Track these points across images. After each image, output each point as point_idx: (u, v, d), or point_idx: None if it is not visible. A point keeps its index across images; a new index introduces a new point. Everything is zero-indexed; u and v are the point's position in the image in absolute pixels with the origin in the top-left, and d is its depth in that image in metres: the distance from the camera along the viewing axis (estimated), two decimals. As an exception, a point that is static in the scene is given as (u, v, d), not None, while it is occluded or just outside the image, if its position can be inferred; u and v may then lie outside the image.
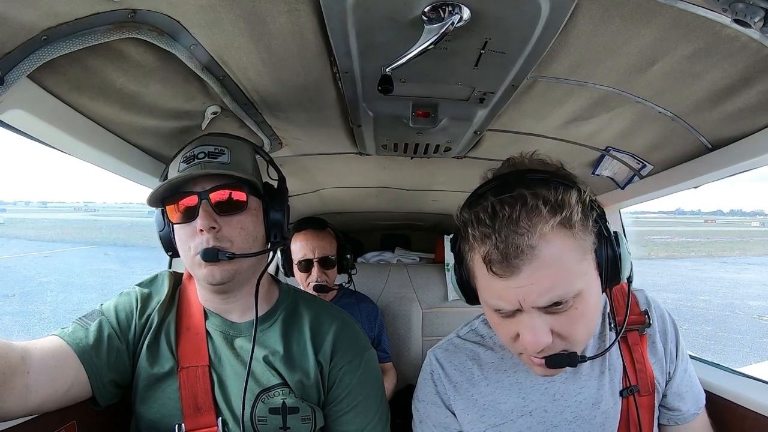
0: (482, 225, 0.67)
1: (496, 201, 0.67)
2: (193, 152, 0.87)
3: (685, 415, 0.91)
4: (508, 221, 0.65)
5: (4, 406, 0.72)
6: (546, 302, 0.67)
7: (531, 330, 0.68)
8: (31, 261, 18.11)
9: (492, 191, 0.70)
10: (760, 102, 0.84)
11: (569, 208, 0.66)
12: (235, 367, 0.90)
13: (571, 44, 0.77)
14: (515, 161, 0.79)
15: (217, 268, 0.84)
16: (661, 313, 0.92)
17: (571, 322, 0.69)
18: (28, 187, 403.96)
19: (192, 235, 0.85)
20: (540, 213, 0.65)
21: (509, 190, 0.68)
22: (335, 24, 0.70)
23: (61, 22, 0.65)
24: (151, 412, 0.87)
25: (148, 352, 0.89)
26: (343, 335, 0.96)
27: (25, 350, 0.76)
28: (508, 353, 0.88)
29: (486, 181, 0.76)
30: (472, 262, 0.74)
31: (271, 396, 0.89)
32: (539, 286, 0.66)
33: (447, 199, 2.24)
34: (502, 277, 0.67)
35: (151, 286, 0.98)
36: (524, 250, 0.64)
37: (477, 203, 0.71)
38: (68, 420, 0.91)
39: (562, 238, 0.66)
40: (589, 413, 0.83)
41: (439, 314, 2.28)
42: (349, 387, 0.94)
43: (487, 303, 0.74)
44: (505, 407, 0.84)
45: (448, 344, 0.93)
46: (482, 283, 0.73)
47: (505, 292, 0.68)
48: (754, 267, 21.15)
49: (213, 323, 0.94)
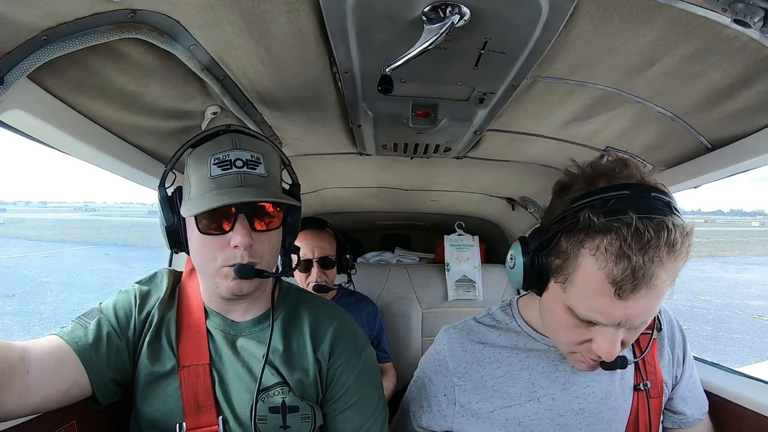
0: (622, 241, 0.64)
1: (639, 221, 0.64)
2: (228, 156, 0.82)
3: (689, 420, 0.92)
4: (650, 248, 0.63)
5: (4, 406, 0.72)
6: (639, 324, 0.70)
7: (611, 342, 0.70)
8: (31, 261, 18.11)
9: (630, 205, 0.66)
10: (760, 102, 0.84)
11: (691, 243, 0.67)
12: (235, 366, 0.90)
13: (571, 44, 0.77)
14: (627, 162, 0.74)
15: (246, 282, 0.84)
16: (669, 319, 0.94)
17: (636, 333, 0.74)
18: (28, 187, 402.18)
19: (222, 247, 0.82)
20: (676, 247, 0.65)
21: (648, 209, 0.65)
22: (335, 24, 0.70)
23: (61, 22, 0.65)
24: (151, 410, 0.87)
25: (149, 349, 0.89)
26: (342, 334, 0.96)
27: (24, 350, 0.76)
28: (522, 339, 0.89)
29: (614, 185, 0.70)
30: (575, 264, 0.70)
31: (271, 395, 0.88)
32: (645, 310, 0.68)
33: (447, 199, 2.24)
34: (621, 298, 0.66)
35: (150, 284, 0.98)
36: (652, 279, 0.64)
37: (610, 210, 0.66)
38: (68, 420, 0.91)
39: (676, 269, 0.67)
40: (597, 407, 0.84)
41: (439, 314, 2.28)
42: (347, 385, 0.93)
43: (579, 312, 0.72)
44: (513, 390, 0.85)
45: (464, 325, 0.94)
46: (585, 293, 0.70)
47: (613, 311, 0.68)
48: (754, 267, 21.14)
49: (214, 322, 0.94)
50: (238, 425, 0.87)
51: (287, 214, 0.93)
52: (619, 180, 0.70)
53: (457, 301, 2.25)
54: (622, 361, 0.75)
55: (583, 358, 0.77)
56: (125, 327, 0.90)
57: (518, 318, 0.91)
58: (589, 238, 0.67)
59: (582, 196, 0.71)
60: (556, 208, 0.76)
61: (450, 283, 2.26)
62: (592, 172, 0.74)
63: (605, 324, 0.70)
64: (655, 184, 0.71)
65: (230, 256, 0.82)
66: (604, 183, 0.70)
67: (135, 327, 0.90)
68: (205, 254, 0.85)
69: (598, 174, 0.72)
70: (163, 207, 0.89)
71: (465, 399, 0.86)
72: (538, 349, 0.87)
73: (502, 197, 2.17)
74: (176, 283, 1.00)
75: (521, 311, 0.92)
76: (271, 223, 0.86)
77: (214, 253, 0.83)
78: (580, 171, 0.75)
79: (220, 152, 0.83)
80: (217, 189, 0.81)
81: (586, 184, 0.72)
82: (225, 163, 0.82)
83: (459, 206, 2.39)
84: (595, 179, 0.72)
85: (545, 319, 0.83)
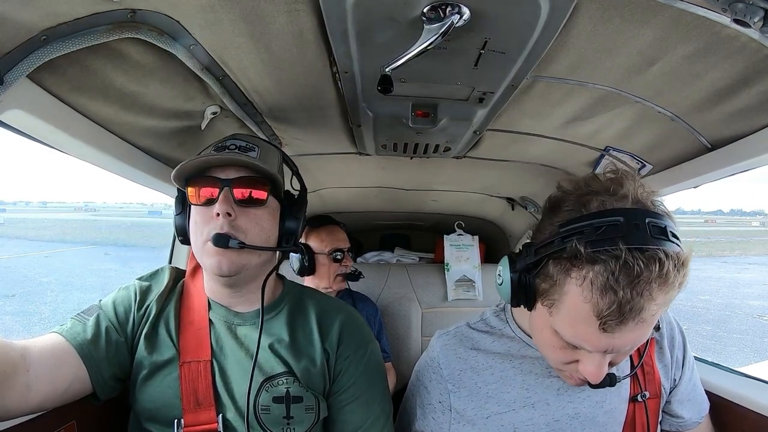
0: (609, 275, 0.61)
1: (629, 253, 0.60)
2: (225, 143, 0.89)
3: (687, 423, 0.92)
4: (640, 283, 0.61)
5: (6, 405, 0.72)
6: (629, 350, 0.69)
7: (597, 367, 0.69)
8: (32, 261, 18.11)
9: (621, 235, 0.62)
10: (760, 102, 0.84)
11: (686, 274, 0.64)
12: (238, 356, 0.90)
13: (571, 44, 0.77)
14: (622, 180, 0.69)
15: (225, 258, 0.84)
16: (669, 320, 0.93)
17: (626, 356, 0.73)
18: (28, 187, 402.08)
19: (208, 220, 0.85)
20: (668, 279, 0.61)
21: (639, 240, 0.62)
22: (335, 24, 0.70)
23: (61, 22, 0.65)
24: (150, 401, 0.87)
25: (146, 341, 0.89)
26: (350, 325, 0.97)
27: (24, 348, 0.76)
28: (515, 345, 0.88)
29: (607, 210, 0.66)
30: (562, 292, 0.67)
31: (275, 384, 0.88)
32: (632, 340, 0.66)
33: (446, 199, 2.24)
34: (606, 332, 0.64)
35: (151, 280, 0.99)
36: (640, 313, 0.62)
37: (599, 240, 0.63)
38: (68, 420, 0.91)
39: (668, 300, 0.65)
40: (592, 411, 0.84)
41: (439, 314, 2.28)
42: (355, 376, 0.94)
43: (565, 337, 0.70)
44: (508, 397, 0.85)
45: (456, 331, 0.94)
46: (570, 321, 0.68)
47: (598, 341, 0.66)
48: (754, 267, 21.14)
49: (217, 313, 0.94)
50: (238, 416, 0.86)
51: (285, 204, 0.94)
52: (613, 203, 0.66)
53: (456, 301, 2.25)
54: (611, 379, 0.73)
55: (571, 375, 0.76)
56: (124, 322, 0.91)
57: (512, 324, 0.90)
58: (576, 267, 0.64)
59: (571, 221, 0.67)
60: (544, 228, 0.72)
61: (450, 283, 2.26)
62: (584, 190, 0.70)
63: (590, 351, 0.69)
64: (651, 206, 0.67)
65: (213, 227, 0.84)
66: (596, 205, 0.67)
67: (134, 321, 0.91)
68: (195, 230, 0.88)
69: (592, 192, 0.68)
70: (176, 202, 0.96)
71: (460, 406, 0.86)
72: (532, 356, 0.86)
73: (502, 197, 2.17)
74: (178, 279, 1.00)
75: (515, 317, 0.91)
76: (254, 195, 0.87)
77: (202, 227, 0.86)
78: (572, 187, 0.72)
79: (219, 142, 0.91)
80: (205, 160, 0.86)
81: (578, 204, 0.68)
82: (221, 147, 0.89)
83: (459, 206, 2.39)
84: (588, 198, 0.68)
85: (534, 336, 0.82)
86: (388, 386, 1.02)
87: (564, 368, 0.76)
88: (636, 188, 0.68)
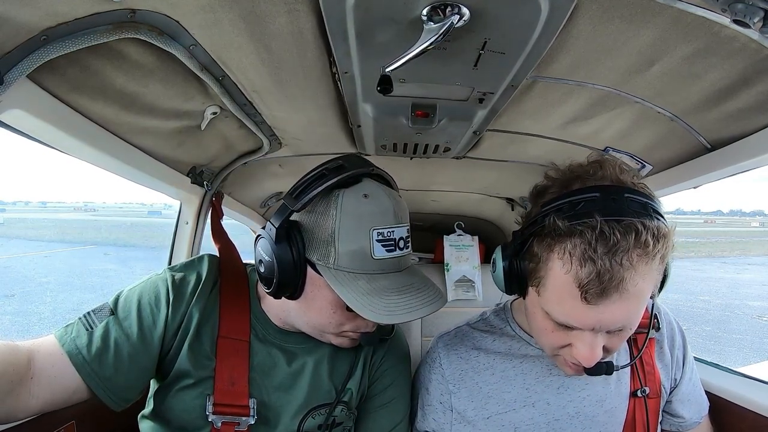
0: (586, 245, 0.63)
1: (605, 224, 0.62)
2: (393, 235, 0.77)
3: (687, 423, 0.92)
4: (618, 252, 0.62)
5: (10, 411, 0.71)
6: (617, 329, 0.69)
7: (590, 348, 0.69)
8: (31, 261, 18.10)
9: (597, 208, 0.64)
10: (760, 102, 0.84)
11: (668, 246, 0.65)
12: (282, 376, 0.87)
13: (571, 44, 0.77)
14: (603, 162, 0.73)
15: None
16: (668, 321, 0.93)
17: (620, 340, 0.72)
18: (28, 187, 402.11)
19: (351, 318, 0.81)
20: (647, 250, 0.63)
21: (616, 211, 0.64)
22: (335, 24, 0.70)
23: (61, 22, 0.65)
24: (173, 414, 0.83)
25: (190, 351, 0.82)
26: (394, 340, 0.99)
27: (30, 352, 0.75)
28: (516, 344, 0.89)
29: (586, 187, 0.69)
30: (546, 269, 0.69)
31: (322, 413, 0.87)
32: (620, 316, 0.66)
33: (446, 199, 2.24)
34: (589, 303, 0.65)
35: (186, 271, 0.88)
36: (622, 282, 0.63)
37: (576, 214, 0.66)
38: (68, 420, 0.91)
39: (651, 272, 0.66)
40: (592, 410, 0.84)
41: (439, 314, 2.24)
42: (393, 379, 0.96)
43: (553, 316, 0.71)
44: (508, 396, 0.85)
45: (457, 331, 0.95)
46: (556, 297, 0.69)
47: (584, 316, 0.67)
48: (754, 267, 21.15)
49: (262, 328, 0.89)
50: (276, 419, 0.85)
51: None
52: (593, 182, 0.69)
53: (456, 301, 2.25)
54: (608, 366, 0.74)
55: (567, 362, 0.76)
56: (150, 327, 0.81)
57: (512, 323, 0.91)
58: (557, 242, 0.67)
59: (553, 200, 0.70)
60: (531, 212, 0.76)
61: (449, 283, 2.26)
62: (568, 175, 0.73)
63: (580, 328, 0.69)
64: (632, 184, 0.69)
65: (360, 325, 0.83)
66: (578, 185, 0.70)
67: (166, 326, 0.82)
68: (334, 320, 0.81)
69: (574, 176, 0.72)
70: (279, 241, 0.75)
71: (461, 406, 0.86)
72: (533, 355, 0.87)
73: (501, 197, 2.17)
74: (218, 273, 0.91)
75: (515, 315, 0.92)
76: None
77: (342, 320, 0.81)
78: (558, 174, 0.75)
79: (383, 228, 0.76)
80: (381, 272, 0.76)
81: (561, 187, 0.72)
82: (389, 242, 0.76)
83: (458, 206, 2.38)
84: (570, 182, 0.71)
85: (529, 322, 0.82)
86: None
87: (559, 353, 0.76)
88: (617, 170, 0.71)
